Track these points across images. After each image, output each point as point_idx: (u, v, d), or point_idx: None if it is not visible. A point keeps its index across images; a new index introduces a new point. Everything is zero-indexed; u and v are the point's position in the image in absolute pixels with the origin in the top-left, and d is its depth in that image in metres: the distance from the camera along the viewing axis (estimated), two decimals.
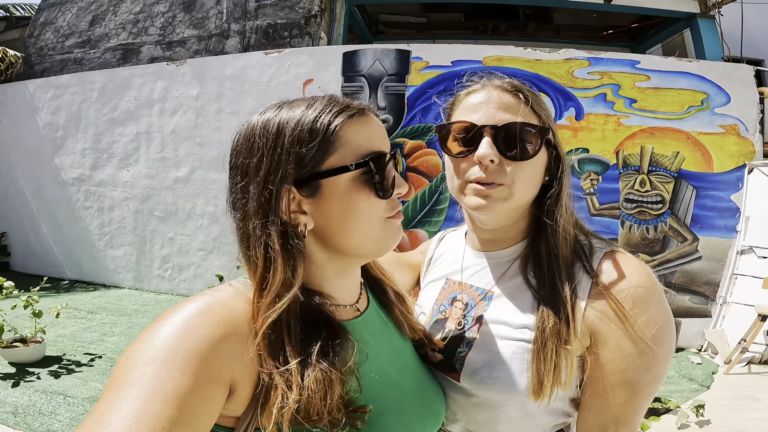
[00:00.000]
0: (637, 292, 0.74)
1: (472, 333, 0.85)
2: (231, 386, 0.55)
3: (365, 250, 0.68)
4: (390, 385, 0.71)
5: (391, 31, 9.39)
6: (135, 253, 6.98)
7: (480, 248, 0.93)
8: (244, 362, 0.56)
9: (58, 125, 7.51)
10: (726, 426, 3.36)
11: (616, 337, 0.73)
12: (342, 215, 0.64)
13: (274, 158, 0.62)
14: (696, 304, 5.28)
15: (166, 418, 0.47)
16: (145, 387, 0.48)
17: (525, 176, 0.79)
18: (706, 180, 5.44)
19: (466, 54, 5.85)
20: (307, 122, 0.62)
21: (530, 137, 0.78)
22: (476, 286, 0.90)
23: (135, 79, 7.06)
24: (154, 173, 6.90)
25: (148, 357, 0.51)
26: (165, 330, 0.53)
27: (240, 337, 0.56)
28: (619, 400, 0.73)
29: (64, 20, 8.53)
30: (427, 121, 5.79)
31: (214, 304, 0.58)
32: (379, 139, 0.67)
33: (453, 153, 0.82)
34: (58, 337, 4.60)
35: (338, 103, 0.66)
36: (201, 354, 0.52)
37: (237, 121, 6.46)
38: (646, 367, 0.72)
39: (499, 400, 0.78)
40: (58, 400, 3.31)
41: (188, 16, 7.72)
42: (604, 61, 5.64)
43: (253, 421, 0.57)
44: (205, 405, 0.51)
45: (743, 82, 5.51)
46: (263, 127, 0.64)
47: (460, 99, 0.86)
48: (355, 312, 0.74)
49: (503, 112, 0.79)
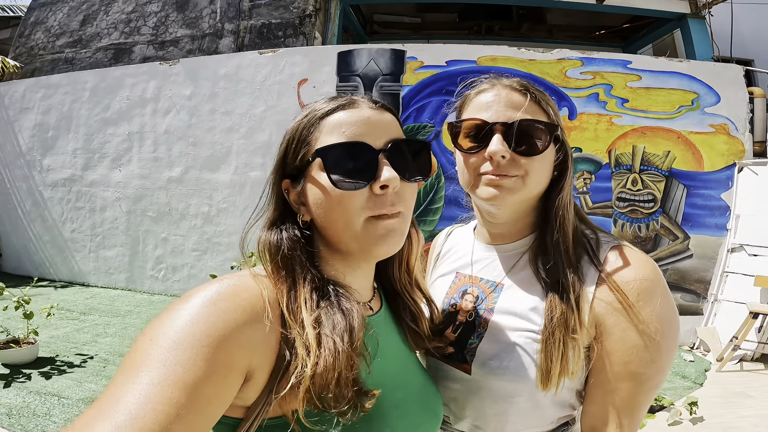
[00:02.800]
0: (643, 284, 0.76)
1: (483, 324, 0.87)
2: (248, 374, 0.55)
3: (350, 247, 0.67)
4: (397, 386, 0.71)
5: (386, 31, 9.40)
6: (128, 254, 6.93)
7: (490, 242, 0.96)
8: (264, 347, 0.56)
9: (49, 125, 7.43)
10: (719, 423, 3.39)
11: (621, 329, 0.75)
12: (318, 206, 0.66)
13: (277, 155, 0.71)
14: (688, 302, 5.34)
15: (181, 405, 0.46)
16: (167, 371, 0.47)
17: (536, 169, 0.82)
18: (696, 179, 5.50)
19: (461, 54, 5.88)
20: (300, 121, 0.69)
21: (539, 133, 0.81)
22: (486, 279, 0.93)
23: (127, 79, 7.01)
24: (147, 173, 6.85)
25: (171, 340, 0.50)
26: (190, 313, 0.52)
27: (263, 322, 0.56)
28: (622, 392, 0.74)
29: (55, 20, 8.45)
30: (422, 121, 5.81)
31: (240, 287, 0.58)
32: (356, 130, 0.65)
33: (465, 149, 0.85)
34: (51, 338, 4.56)
35: (326, 101, 0.69)
36: (225, 341, 0.51)
37: (230, 121, 6.44)
38: (649, 360, 0.73)
39: (510, 390, 0.80)
40: (52, 401, 3.29)
41: (181, 15, 7.68)
42: (596, 61, 5.69)
43: (263, 410, 0.57)
44: (220, 394, 0.51)
45: (733, 81, 5.58)
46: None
47: (471, 97, 0.88)
48: (367, 310, 0.74)
49: (513, 110, 0.81)
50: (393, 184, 0.64)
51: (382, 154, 0.65)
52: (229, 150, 6.45)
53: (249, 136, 6.36)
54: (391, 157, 0.66)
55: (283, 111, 6.16)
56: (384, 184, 0.64)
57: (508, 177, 0.80)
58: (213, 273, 5.90)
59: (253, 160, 6.31)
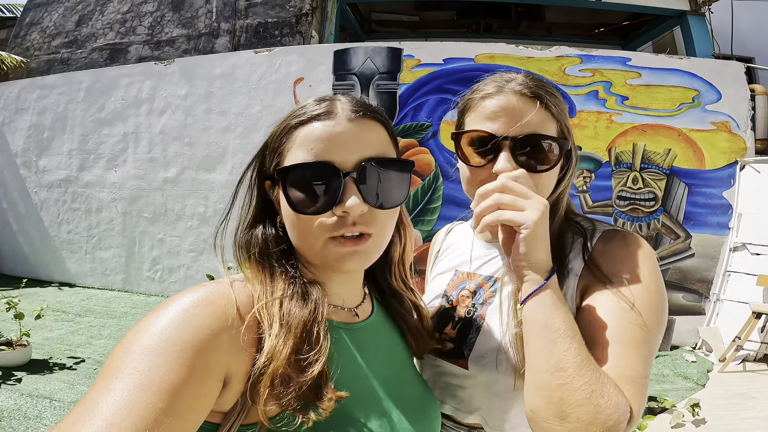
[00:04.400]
0: (628, 253, 0.76)
1: (480, 319, 0.87)
2: (225, 379, 0.54)
3: (314, 261, 0.66)
4: (383, 393, 0.69)
5: (384, 30, 9.38)
6: (124, 255, 6.89)
7: (490, 239, 0.95)
8: (239, 353, 0.55)
9: (44, 126, 7.39)
10: (722, 424, 3.35)
11: (605, 294, 0.73)
12: (285, 219, 0.66)
13: (259, 157, 0.71)
14: (689, 301, 5.28)
15: (159, 410, 0.46)
16: (140, 377, 0.47)
17: (543, 184, 0.80)
18: (698, 177, 5.45)
19: (459, 52, 5.83)
20: (278, 126, 0.68)
21: (550, 148, 0.78)
22: (485, 275, 0.92)
23: (122, 79, 6.97)
24: (143, 174, 6.81)
25: (145, 347, 0.50)
26: (164, 319, 0.52)
27: (239, 329, 0.56)
28: (614, 357, 0.67)
29: (50, 20, 8.42)
30: (419, 120, 5.76)
31: (214, 294, 0.57)
32: (324, 148, 0.61)
33: (470, 162, 0.82)
34: (44, 340, 4.52)
35: (311, 104, 0.66)
36: (199, 346, 0.51)
37: (226, 121, 6.40)
38: (637, 324, 0.69)
39: (507, 384, 0.79)
40: (43, 404, 3.26)
41: (177, 15, 7.65)
42: (595, 59, 5.64)
43: (240, 416, 0.56)
44: (200, 398, 0.51)
45: (734, 79, 5.52)
46: None
47: (475, 102, 0.83)
48: (353, 317, 0.73)
49: (521, 122, 0.77)
50: (354, 212, 0.61)
51: (348, 178, 0.61)
52: (225, 150, 6.40)
53: (245, 136, 6.32)
54: (360, 180, 0.62)
55: (279, 110, 6.09)
56: (345, 210, 0.61)
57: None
58: (210, 274, 5.85)
59: (249, 160, 6.25)
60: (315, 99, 0.67)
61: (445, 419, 0.93)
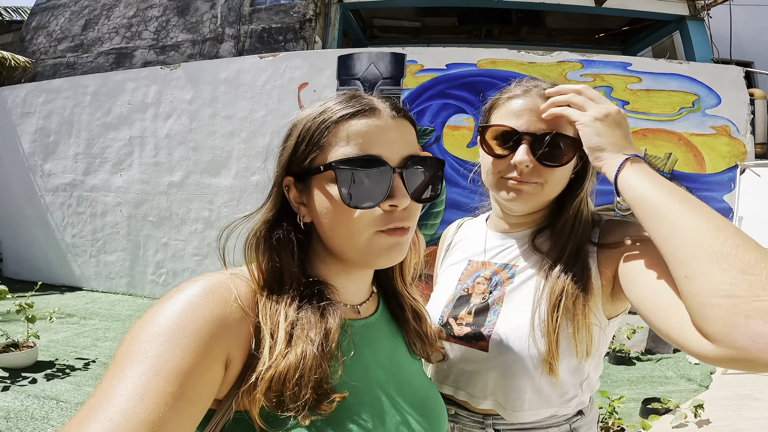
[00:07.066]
0: (630, 224, 0.85)
1: (499, 303, 0.92)
2: (226, 363, 0.56)
3: (350, 256, 0.66)
4: (382, 393, 0.69)
5: (386, 36, 9.44)
6: (128, 259, 6.91)
7: (505, 230, 1.01)
8: (237, 342, 0.57)
9: (50, 130, 7.45)
10: (725, 426, 3.35)
11: (635, 255, 0.76)
12: (324, 215, 0.65)
13: (285, 151, 0.68)
14: None
15: (169, 395, 0.48)
16: (149, 364, 0.49)
17: (555, 179, 0.88)
18: (698, 181, 5.48)
19: (461, 57, 5.88)
20: (311, 119, 0.65)
21: (564, 148, 0.85)
22: (500, 263, 0.98)
23: (128, 83, 7.02)
24: (148, 178, 6.85)
25: (151, 334, 0.51)
26: (169, 308, 0.54)
27: (239, 316, 0.58)
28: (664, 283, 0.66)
29: (56, 24, 8.49)
30: (422, 124, 5.80)
31: (216, 284, 0.59)
32: (373, 144, 0.63)
33: (493, 153, 0.90)
34: (50, 342, 4.54)
35: (346, 101, 0.66)
36: (203, 332, 0.53)
37: (231, 125, 6.44)
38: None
39: (526, 365, 0.84)
40: (50, 405, 3.28)
41: (182, 20, 7.72)
42: (596, 64, 5.69)
43: (232, 404, 0.58)
44: (207, 383, 0.52)
45: (733, 83, 5.57)
46: (290, 123, 0.70)
47: (502, 101, 0.92)
48: (354, 314, 0.73)
49: (542, 122, 0.86)
50: (403, 205, 0.64)
51: (397, 174, 0.63)
52: (230, 154, 6.45)
53: (249, 141, 6.36)
54: (406, 176, 0.64)
55: (283, 115, 6.16)
56: (394, 204, 0.63)
57: (529, 183, 0.87)
58: None
59: (254, 165, 6.31)
60: (345, 96, 0.67)
61: (459, 408, 0.95)
